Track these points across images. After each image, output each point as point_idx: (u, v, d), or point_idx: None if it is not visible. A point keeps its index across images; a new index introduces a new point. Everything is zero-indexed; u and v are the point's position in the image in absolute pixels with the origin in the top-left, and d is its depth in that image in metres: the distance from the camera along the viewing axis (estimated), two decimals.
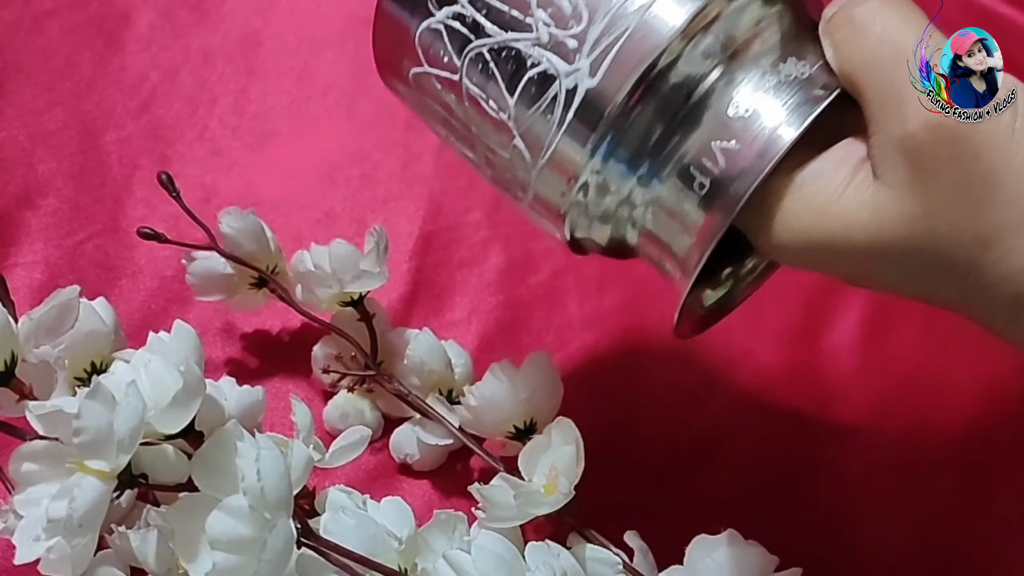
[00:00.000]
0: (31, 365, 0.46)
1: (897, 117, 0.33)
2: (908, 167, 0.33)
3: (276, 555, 0.38)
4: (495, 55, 0.38)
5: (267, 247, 0.52)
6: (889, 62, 0.34)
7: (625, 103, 0.36)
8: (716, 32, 0.36)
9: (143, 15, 0.68)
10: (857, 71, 0.35)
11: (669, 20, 0.36)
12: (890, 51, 0.34)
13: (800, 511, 0.52)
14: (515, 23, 0.37)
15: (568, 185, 0.38)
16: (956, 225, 0.33)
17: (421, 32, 0.40)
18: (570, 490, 0.44)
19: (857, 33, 0.35)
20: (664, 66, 0.36)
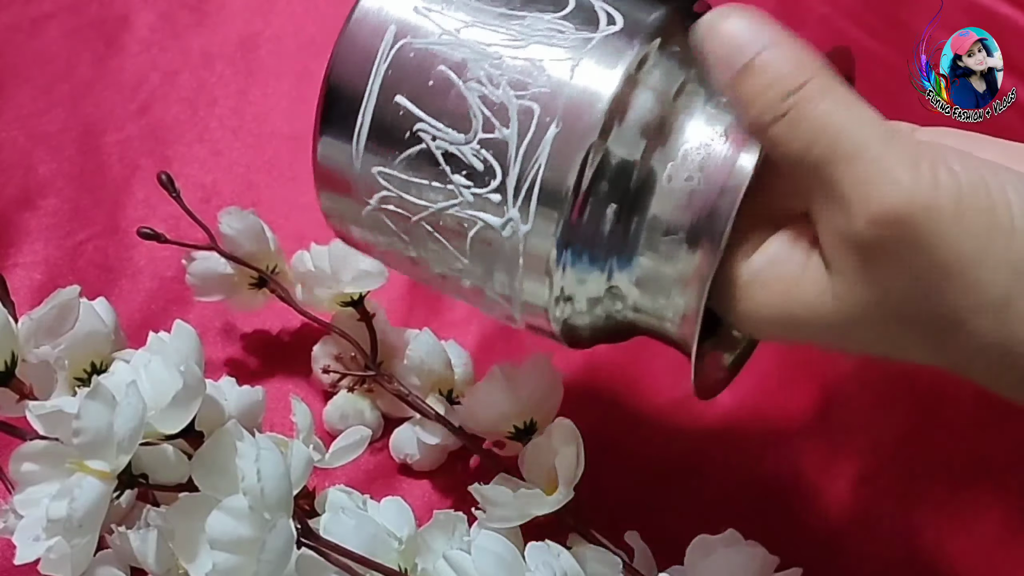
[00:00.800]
0: (31, 365, 0.46)
1: (840, 215, 0.33)
2: (858, 263, 0.33)
3: (276, 555, 0.38)
4: (433, 226, 0.39)
5: (267, 247, 0.53)
6: (824, 162, 0.33)
7: (563, 234, 0.37)
8: (631, 123, 0.36)
9: (142, 17, 0.68)
10: (794, 169, 0.34)
11: (577, 142, 0.36)
12: (824, 151, 0.33)
13: (800, 512, 0.52)
14: (438, 192, 0.38)
15: (550, 305, 0.39)
16: (916, 311, 0.33)
17: (365, 219, 0.41)
18: (570, 490, 0.44)
19: (790, 132, 0.33)
20: (590, 180, 0.36)
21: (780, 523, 0.51)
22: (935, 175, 0.31)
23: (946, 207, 0.31)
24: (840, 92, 0.33)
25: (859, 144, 0.32)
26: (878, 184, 0.32)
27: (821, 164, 0.33)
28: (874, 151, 0.32)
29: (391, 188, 0.39)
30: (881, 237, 0.32)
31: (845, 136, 0.32)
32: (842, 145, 0.32)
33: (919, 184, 0.31)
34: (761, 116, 0.34)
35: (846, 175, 0.32)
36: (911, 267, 0.32)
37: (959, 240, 0.31)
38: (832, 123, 0.33)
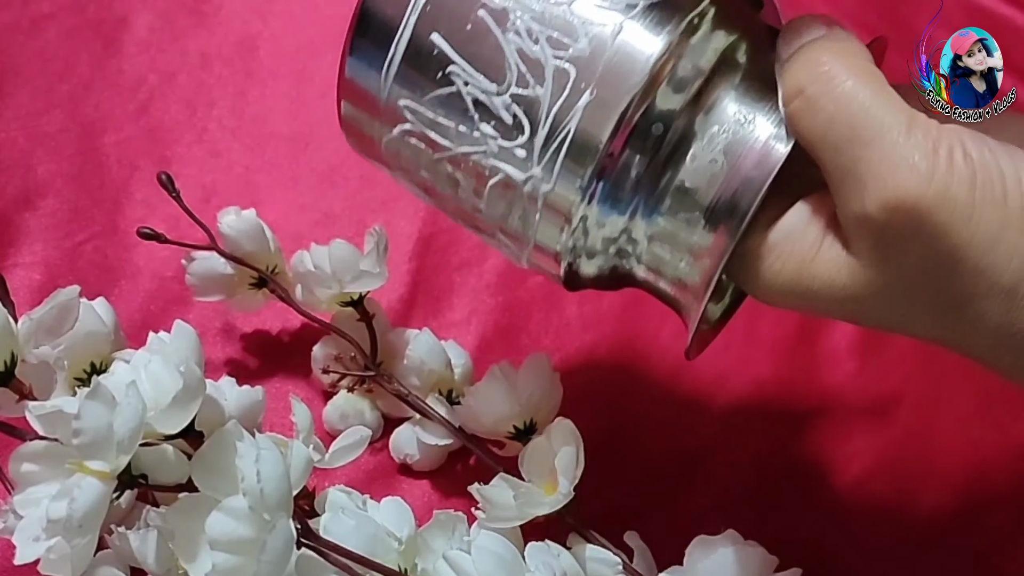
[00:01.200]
0: (31, 365, 0.46)
1: (855, 196, 0.33)
2: (871, 244, 0.33)
3: (276, 555, 0.38)
4: (455, 166, 0.39)
5: (267, 247, 0.52)
6: (844, 142, 0.33)
7: (583, 200, 0.37)
8: (665, 97, 0.36)
9: (141, 18, 0.68)
10: (812, 147, 0.34)
11: (608, 114, 0.36)
12: (844, 131, 0.33)
13: (799, 512, 0.52)
14: (464, 137, 0.38)
15: (561, 253, 0.39)
16: (928, 293, 0.34)
17: (386, 144, 0.40)
18: (570, 490, 0.44)
19: (810, 108, 0.34)
20: (616, 152, 0.36)
21: (780, 523, 0.51)
22: (952, 162, 0.32)
23: (960, 195, 0.32)
24: (865, 73, 0.34)
25: (879, 127, 0.32)
26: (895, 169, 0.32)
27: (842, 144, 0.33)
28: (894, 135, 0.32)
29: (415, 123, 0.39)
30: (895, 221, 0.32)
31: (866, 118, 0.33)
32: (862, 127, 0.33)
33: (935, 171, 0.32)
34: (785, 86, 0.35)
35: (864, 157, 0.32)
36: (923, 252, 0.32)
37: (972, 228, 0.32)
38: (853, 104, 0.33)
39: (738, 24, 0.37)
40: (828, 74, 0.34)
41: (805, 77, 0.34)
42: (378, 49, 0.39)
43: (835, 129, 0.33)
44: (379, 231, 0.50)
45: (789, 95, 0.35)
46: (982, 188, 0.32)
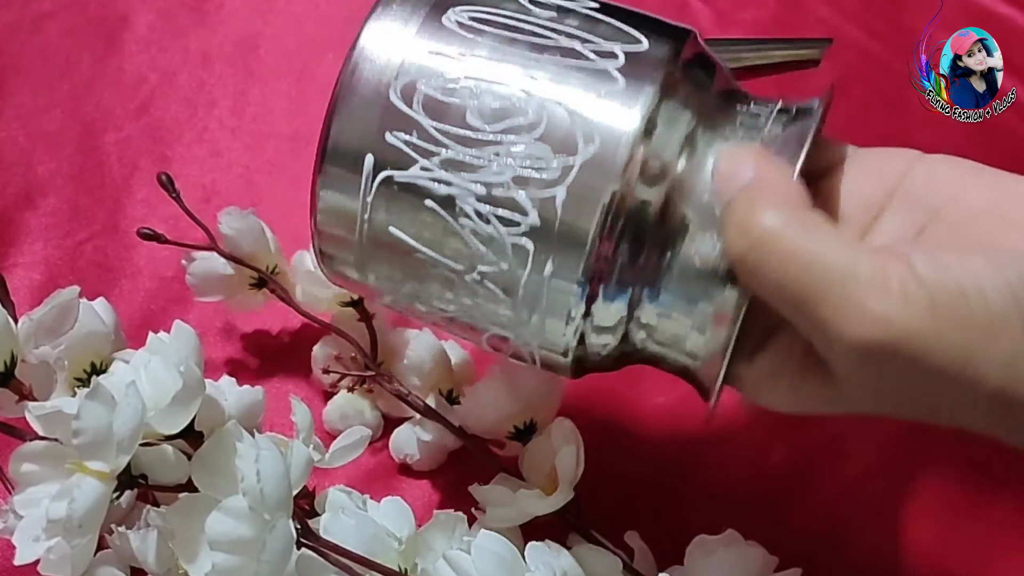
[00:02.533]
0: (31, 365, 0.46)
1: (823, 346, 0.34)
2: (850, 375, 0.34)
3: (276, 555, 0.38)
4: (446, 323, 0.41)
5: (267, 247, 0.52)
6: (797, 302, 0.33)
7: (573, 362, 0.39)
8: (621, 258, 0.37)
9: (142, 17, 0.68)
10: (771, 301, 0.34)
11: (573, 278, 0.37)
12: (794, 291, 0.33)
13: (799, 512, 0.52)
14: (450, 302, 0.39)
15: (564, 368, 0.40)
16: (915, 405, 0.35)
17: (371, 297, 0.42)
18: (570, 490, 0.44)
19: (755, 275, 0.34)
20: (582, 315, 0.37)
21: (780, 523, 0.51)
22: (906, 294, 0.32)
23: (922, 324, 0.32)
24: (799, 222, 0.33)
25: (827, 279, 0.32)
26: (853, 319, 0.32)
27: (796, 303, 0.33)
28: (843, 283, 0.32)
29: (397, 296, 0.41)
30: (866, 362, 0.33)
31: (810, 275, 0.33)
32: (810, 284, 0.33)
33: (892, 310, 0.32)
34: (730, 259, 0.35)
35: (820, 312, 0.32)
36: (901, 381, 0.33)
37: (942, 350, 0.32)
38: (795, 263, 0.33)
39: (691, 106, 0.38)
40: (762, 239, 0.33)
41: (742, 245, 0.34)
42: (345, 248, 0.40)
43: (785, 291, 0.33)
44: None
45: (733, 263, 0.35)
46: (943, 309, 0.32)
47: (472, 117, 0.37)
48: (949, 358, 0.32)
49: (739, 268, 0.35)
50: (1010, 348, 0.32)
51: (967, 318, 0.31)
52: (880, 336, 0.32)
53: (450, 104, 0.37)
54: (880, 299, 0.32)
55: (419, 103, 0.38)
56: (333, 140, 0.39)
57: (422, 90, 0.38)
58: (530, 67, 0.37)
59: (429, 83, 0.38)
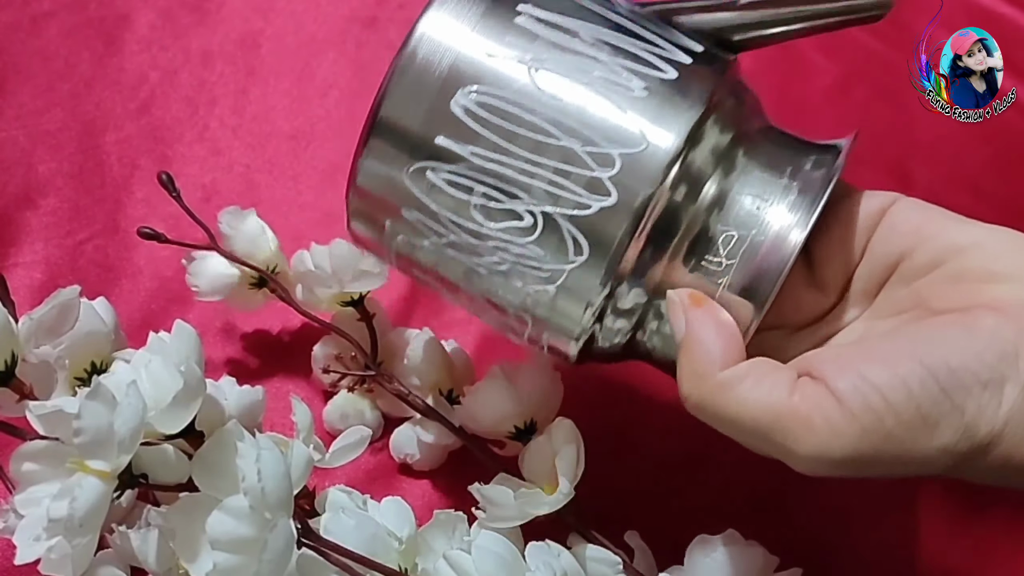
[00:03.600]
0: (31, 365, 0.46)
1: (795, 464, 0.36)
2: (842, 463, 0.36)
3: (276, 555, 0.38)
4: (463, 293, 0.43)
5: (267, 247, 0.52)
6: (752, 439, 0.37)
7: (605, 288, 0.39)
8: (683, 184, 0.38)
9: (142, 16, 0.68)
10: (749, 444, 0.38)
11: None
12: (745, 434, 0.37)
13: (799, 512, 0.52)
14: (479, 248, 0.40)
15: (579, 330, 0.41)
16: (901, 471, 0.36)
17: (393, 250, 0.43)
18: (570, 490, 0.44)
19: (709, 420, 0.38)
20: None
21: (780, 523, 0.51)
22: (833, 429, 0.35)
23: (857, 447, 0.35)
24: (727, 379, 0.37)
25: (771, 421, 0.36)
26: (795, 453, 0.36)
27: (753, 440, 0.37)
28: (780, 428, 0.36)
29: (419, 267, 0.42)
30: (837, 472, 0.36)
31: (754, 421, 0.36)
32: (756, 428, 0.36)
33: (825, 446, 0.35)
34: (685, 397, 0.38)
35: (777, 446, 0.36)
36: (877, 469, 0.36)
37: (884, 458, 0.35)
38: (738, 415, 0.37)
39: (731, 125, 0.39)
40: (697, 409, 0.38)
41: (687, 391, 0.38)
42: (380, 196, 0.41)
43: (739, 434, 0.37)
44: None
45: (688, 401, 0.38)
46: (872, 430, 0.34)
47: (476, 212, 0.39)
48: (894, 458, 0.35)
49: (690, 410, 0.38)
50: (949, 437, 0.34)
51: (899, 425, 0.34)
52: (823, 467, 0.35)
53: (457, 196, 0.39)
54: (809, 442, 0.35)
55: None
56: (353, 204, 0.41)
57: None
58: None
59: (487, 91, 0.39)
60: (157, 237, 0.51)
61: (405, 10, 0.69)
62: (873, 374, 0.35)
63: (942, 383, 0.34)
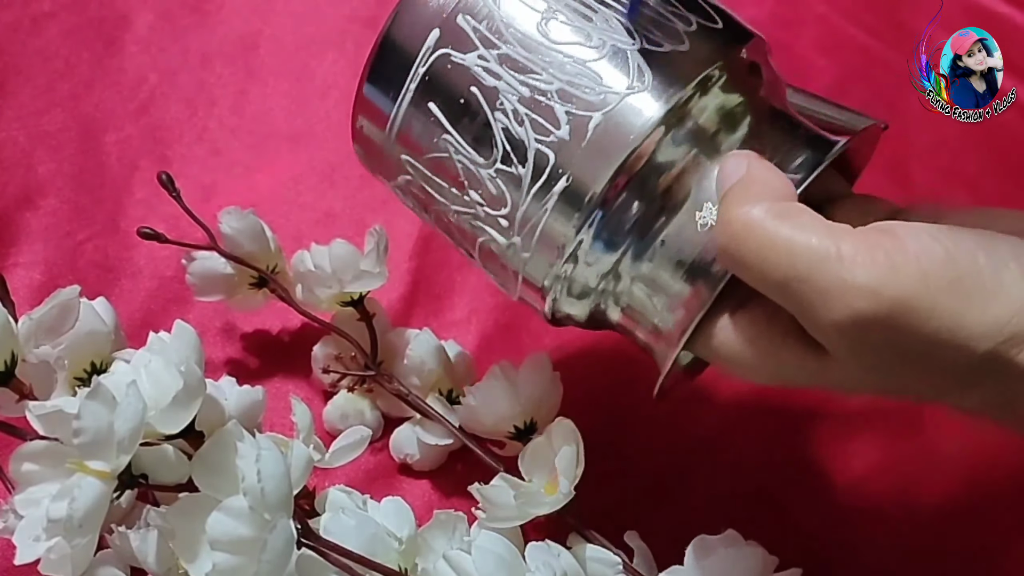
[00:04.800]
0: (31, 365, 0.46)
1: (813, 324, 0.34)
2: (839, 349, 0.34)
3: (276, 555, 0.38)
4: (448, 219, 0.41)
5: (267, 247, 0.53)
6: (782, 284, 0.34)
7: (556, 276, 0.40)
8: (635, 189, 0.38)
9: (142, 17, 0.68)
10: (758, 287, 0.35)
11: (579, 202, 0.38)
12: (777, 275, 0.34)
13: (799, 512, 0.52)
14: (456, 199, 0.40)
15: (545, 306, 0.41)
16: (908, 374, 0.34)
17: (392, 182, 0.43)
18: (570, 490, 0.44)
19: (739, 266, 0.35)
20: (582, 241, 0.39)
21: (780, 523, 0.51)
22: (893, 264, 0.32)
23: (914, 291, 0.32)
24: (777, 212, 0.34)
25: (810, 259, 0.33)
26: (841, 294, 0.33)
27: (783, 286, 0.34)
28: (828, 261, 0.33)
29: (414, 177, 0.41)
30: (856, 335, 0.33)
31: (792, 256, 0.33)
32: (793, 266, 0.33)
33: (879, 281, 0.32)
34: (716, 240, 0.36)
35: (807, 291, 0.33)
36: (894, 348, 0.33)
37: (934, 315, 0.32)
38: (775, 249, 0.34)
39: (740, 88, 0.39)
40: (741, 230, 0.35)
41: (723, 236, 0.35)
42: (381, 110, 0.41)
43: (769, 276, 0.34)
44: (379, 231, 0.50)
45: (719, 257, 0.36)
46: (933, 276, 0.32)
47: (543, 25, 0.38)
48: (941, 323, 0.32)
49: (722, 258, 0.36)
50: (1003, 310, 0.32)
51: (959, 284, 0.32)
52: (869, 308, 0.32)
53: (527, 7, 0.39)
54: (866, 272, 0.32)
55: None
56: (406, 4, 0.40)
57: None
58: (613, 7, 0.39)
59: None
60: (157, 237, 0.51)
61: None
62: (936, 231, 0.33)
63: (1014, 249, 0.33)
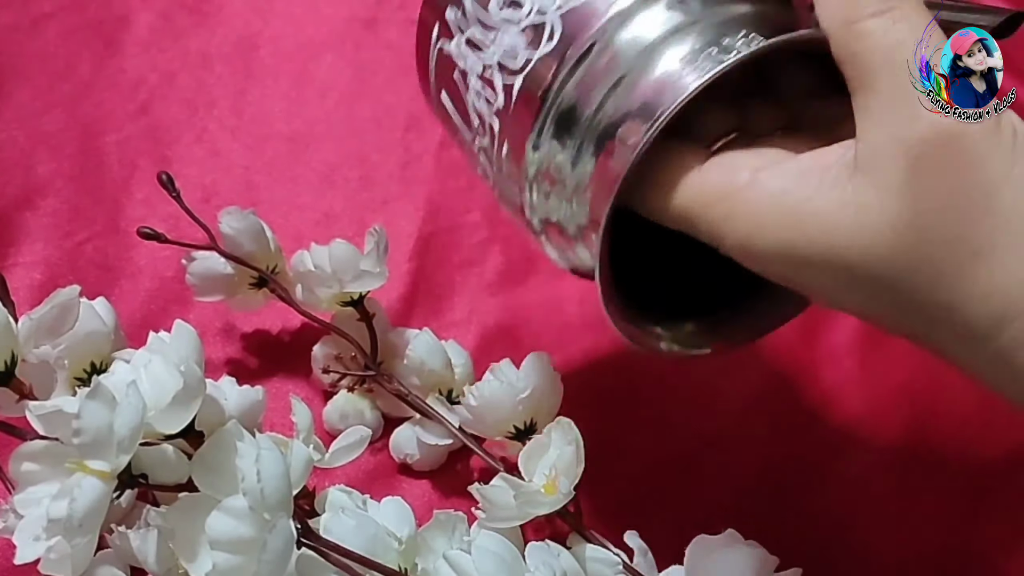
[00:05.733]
0: (31, 365, 0.46)
1: (907, 117, 0.33)
2: (907, 168, 0.32)
3: (276, 555, 0.38)
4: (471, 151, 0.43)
5: (267, 247, 0.52)
6: (905, 64, 0.33)
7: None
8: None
9: (141, 18, 0.68)
10: (870, 67, 0.33)
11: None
12: (908, 54, 0.33)
13: (799, 512, 0.52)
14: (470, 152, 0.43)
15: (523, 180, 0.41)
16: (948, 230, 0.32)
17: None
18: (570, 490, 0.44)
19: (882, 30, 0.33)
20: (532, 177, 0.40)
21: (780, 523, 0.51)
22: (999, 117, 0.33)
23: (1005, 139, 0.33)
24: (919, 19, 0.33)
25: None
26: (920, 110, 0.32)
27: (899, 68, 0.33)
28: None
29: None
30: (941, 145, 0.32)
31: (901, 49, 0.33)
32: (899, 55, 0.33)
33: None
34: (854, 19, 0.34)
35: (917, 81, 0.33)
36: (959, 181, 0.32)
37: (1009, 165, 0.32)
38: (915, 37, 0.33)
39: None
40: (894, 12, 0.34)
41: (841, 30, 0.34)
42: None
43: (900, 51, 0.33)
44: (379, 231, 0.50)
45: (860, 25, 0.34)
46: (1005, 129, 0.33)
47: (493, 2, 0.40)
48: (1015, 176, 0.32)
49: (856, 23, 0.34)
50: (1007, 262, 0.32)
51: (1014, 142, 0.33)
52: (966, 124, 0.32)
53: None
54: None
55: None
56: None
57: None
58: None
59: None
60: (157, 237, 0.51)
61: (405, 11, 0.70)
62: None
63: None
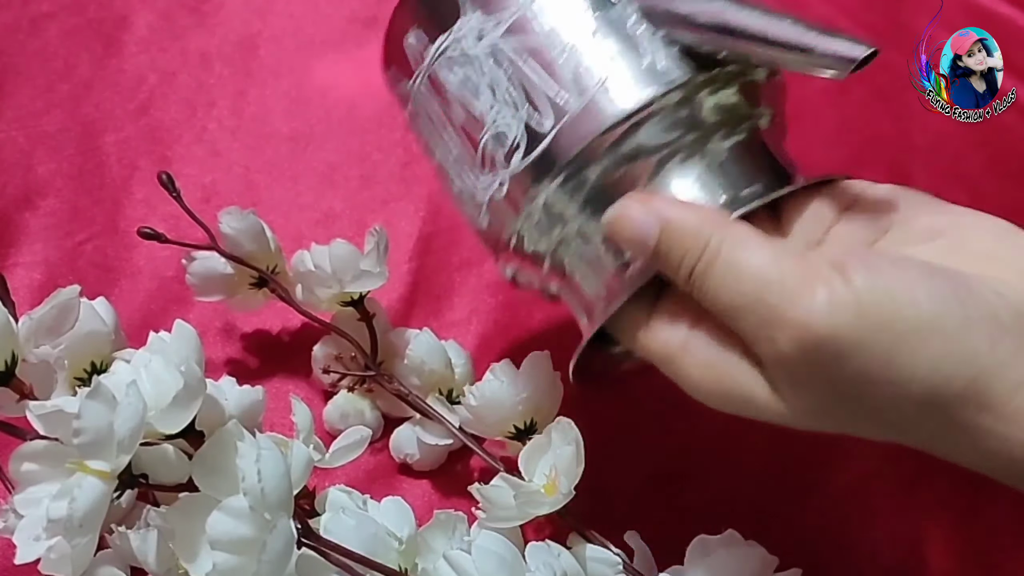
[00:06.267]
0: (31, 365, 0.46)
1: (768, 343, 0.35)
2: (785, 378, 0.35)
3: (276, 555, 0.38)
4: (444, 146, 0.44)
5: (267, 247, 0.52)
6: (753, 303, 0.34)
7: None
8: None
9: (141, 17, 0.68)
10: (727, 314, 0.36)
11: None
12: (752, 292, 0.34)
13: (799, 512, 0.52)
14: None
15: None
16: (852, 410, 0.35)
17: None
18: (570, 490, 0.44)
19: (721, 284, 0.35)
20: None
21: (780, 523, 0.51)
22: (832, 297, 0.33)
23: (846, 327, 0.33)
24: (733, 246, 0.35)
25: (755, 291, 0.34)
26: (778, 325, 0.34)
27: (729, 314, 0.35)
28: (769, 295, 0.34)
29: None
30: (797, 363, 0.34)
31: (741, 288, 0.35)
32: (741, 297, 0.35)
33: (815, 314, 0.33)
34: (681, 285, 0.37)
35: (750, 321, 0.35)
36: (832, 379, 0.34)
37: (867, 350, 0.33)
38: (752, 272, 0.35)
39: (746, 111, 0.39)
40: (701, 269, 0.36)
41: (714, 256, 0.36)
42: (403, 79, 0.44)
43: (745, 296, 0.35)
44: (379, 231, 0.50)
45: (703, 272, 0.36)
46: (869, 314, 0.33)
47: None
48: (874, 357, 0.33)
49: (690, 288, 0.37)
50: (940, 349, 0.33)
51: (893, 320, 0.33)
52: (804, 337, 0.33)
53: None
54: (804, 304, 0.33)
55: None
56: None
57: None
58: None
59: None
60: (157, 237, 0.51)
61: None
62: (883, 264, 0.34)
63: (953, 296, 0.33)
